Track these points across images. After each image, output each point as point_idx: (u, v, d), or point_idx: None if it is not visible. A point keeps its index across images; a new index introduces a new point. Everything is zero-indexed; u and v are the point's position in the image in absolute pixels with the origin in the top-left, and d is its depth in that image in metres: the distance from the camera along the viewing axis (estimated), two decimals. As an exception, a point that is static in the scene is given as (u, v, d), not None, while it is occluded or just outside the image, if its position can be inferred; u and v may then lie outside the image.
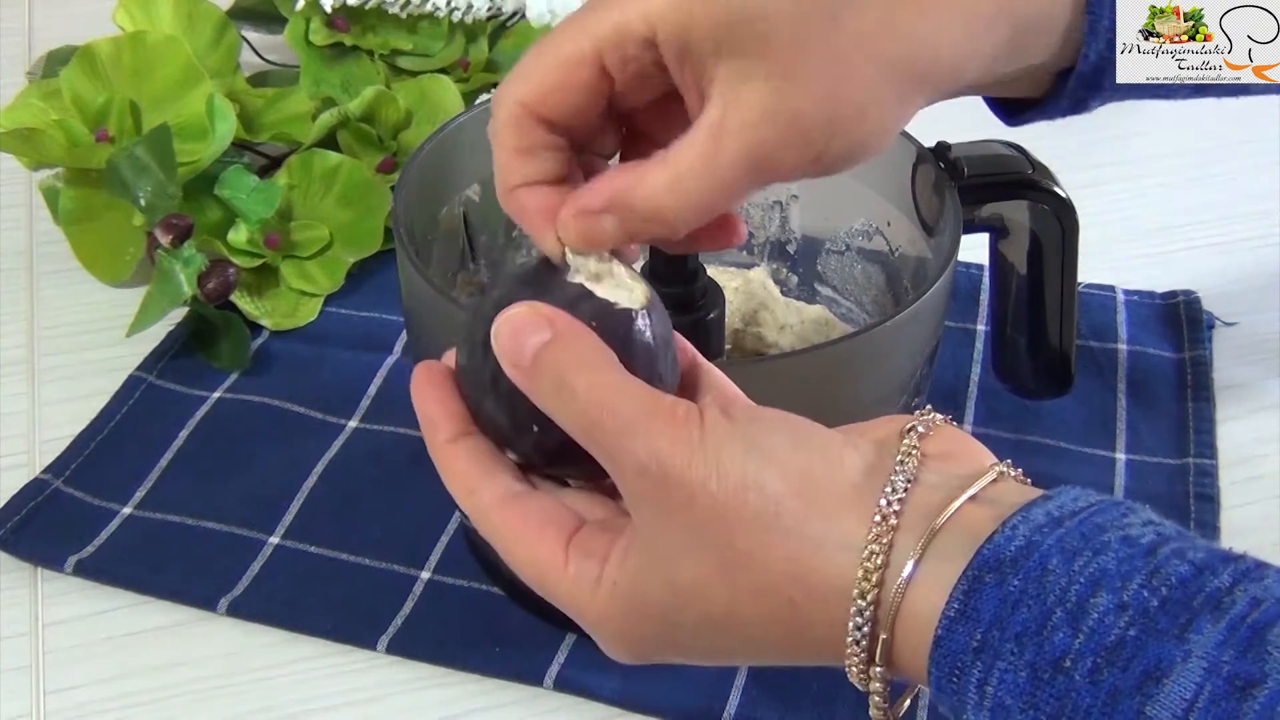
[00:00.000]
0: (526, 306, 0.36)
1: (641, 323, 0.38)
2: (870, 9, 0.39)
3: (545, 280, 0.38)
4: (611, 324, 0.37)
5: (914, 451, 0.35)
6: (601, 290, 0.37)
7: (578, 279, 0.38)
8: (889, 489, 0.34)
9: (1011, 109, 0.50)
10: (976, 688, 0.31)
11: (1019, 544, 0.32)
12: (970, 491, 0.34)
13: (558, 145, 0.39)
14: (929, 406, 0.38)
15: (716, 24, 0.37)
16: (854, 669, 0.34)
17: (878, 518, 0.33)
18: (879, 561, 0.33)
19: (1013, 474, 0.36)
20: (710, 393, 0.39)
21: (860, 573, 0.33)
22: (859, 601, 0.33)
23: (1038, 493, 0.34)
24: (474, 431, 0.39)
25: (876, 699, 0.35)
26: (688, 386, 0.40)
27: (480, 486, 0.38)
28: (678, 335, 0.40)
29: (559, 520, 0.38)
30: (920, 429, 0.36)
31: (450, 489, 0.39)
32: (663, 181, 0.37)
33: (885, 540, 0.33)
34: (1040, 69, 0.46)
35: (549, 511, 0.38)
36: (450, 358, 0.40)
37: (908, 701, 0.36)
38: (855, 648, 0.34)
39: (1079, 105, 0.48)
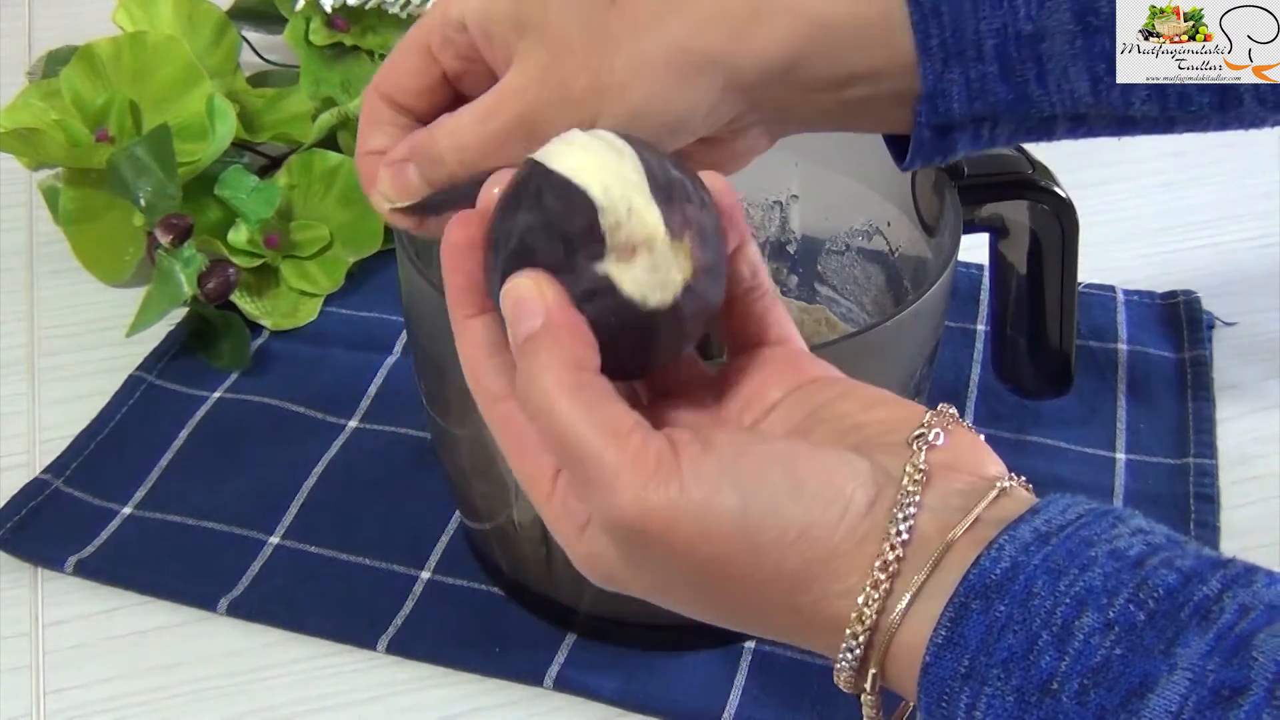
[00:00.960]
0: (531, 281, 0.35)
1: (664, 319, 0.35)
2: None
3: (579, 243, 0.35)
4: (627, 325, 0.35)
5: (921, 472, 0.34)
6: (634, 270, 0.35)
7: (608, 258, 0.35)
8: (893, 529, 0.33)
9: (900, 150, 0.48)
10: (965, 712, 0.31)
11: (1005, 566, 0.32)
12: (966, 523, 0.33)
13: (399, 122, 0.44)
14: (941, 405, 0.37)
15: (512, 4, 0.42)
16: (842, 680, 0.35)
17: (879, 563, 0.33)
18: (875, 609, 0.33)
19: (1019, 485, 0.35)
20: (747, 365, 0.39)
21: (854, 614, 0.33)
22: (850, 641, 0.33)
23: (1029, 504, 0.34)
24: (492, 308, 0.37)
25: (869, 711, 0.35)
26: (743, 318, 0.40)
27: (484, 374, 0.37)
28: (744, 254, 0.39)
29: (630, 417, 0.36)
30: (930, 437, 0.36)
31: (463, 368, 0.38)
32: (445, 130, 0.43)
33: (885, 588, 0.33)
34: (894, 100, 0.44)
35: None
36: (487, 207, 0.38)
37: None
38: (848, 671, 0.34)
39: (945, 141, 0.45)
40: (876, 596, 0.33)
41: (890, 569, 0.33)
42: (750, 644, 0.56)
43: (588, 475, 0.34)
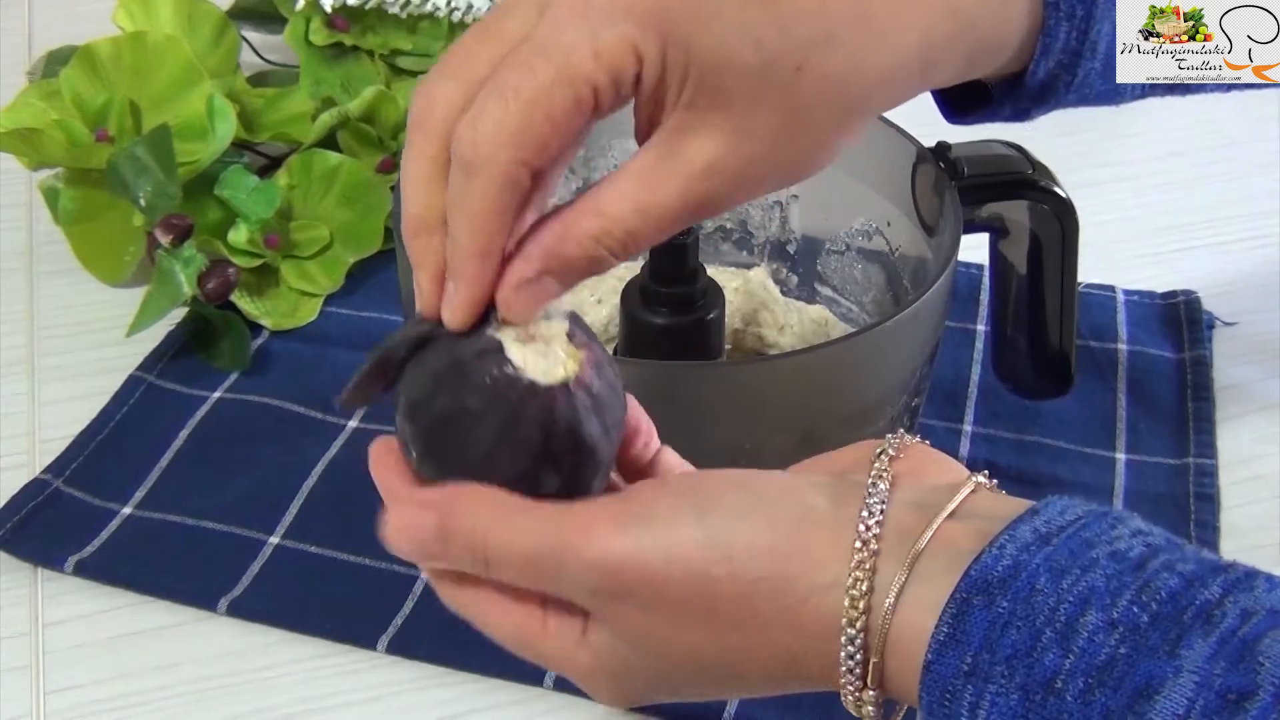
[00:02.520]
0: (403, 507, 0.37)
1: (564, 401, 0.35)
2: (838, 51, 0.38)
3: (458, 353, 0.37)
4: (528, 405, 0.35)
5: (885, 474, 0.35)
6: (525, 357, 0.36)
7: (499, 337, 0.36)
8: (865, 513, 0.34)
9: (956, 107, 0.50)
10: (969, 711, 0.31)
11: (1006, 564, 0.32)
12: (949, 509, 0.34)
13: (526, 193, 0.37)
14: (900, 431, 0.38)
15: (686, 70, 0.36)
16: (849, 697, 0.34)
17: (858, 543, 0.33)
18: (864, 589, 0.33)
19: (988, 485, 0.35)
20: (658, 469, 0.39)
21: (847, 602, 0.33)
22: (849, 630, 0.33)
23: (1023, 505, 0.34)
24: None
25: (869, 710, 0.35)
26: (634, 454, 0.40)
27: (443, 555, 0.38)
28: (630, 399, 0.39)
29: (531, 596, 0.38)
30: (890, 451, 0.36)
31: (414, 561, 0.39)
32: (593, 229, 0.36)
33: (868, 566, 0.33)
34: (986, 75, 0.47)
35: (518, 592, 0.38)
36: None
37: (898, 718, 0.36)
38: (849, 675, 0.34)
39: (1020, 115, 0.49)
40: (862, 576, 0.33)
41: (870, 547, 0.33)
42: (750, 644, 0.56)
43: (556, 562, 0.34)
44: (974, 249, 0.61)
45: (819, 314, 0.66)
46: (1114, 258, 0.78)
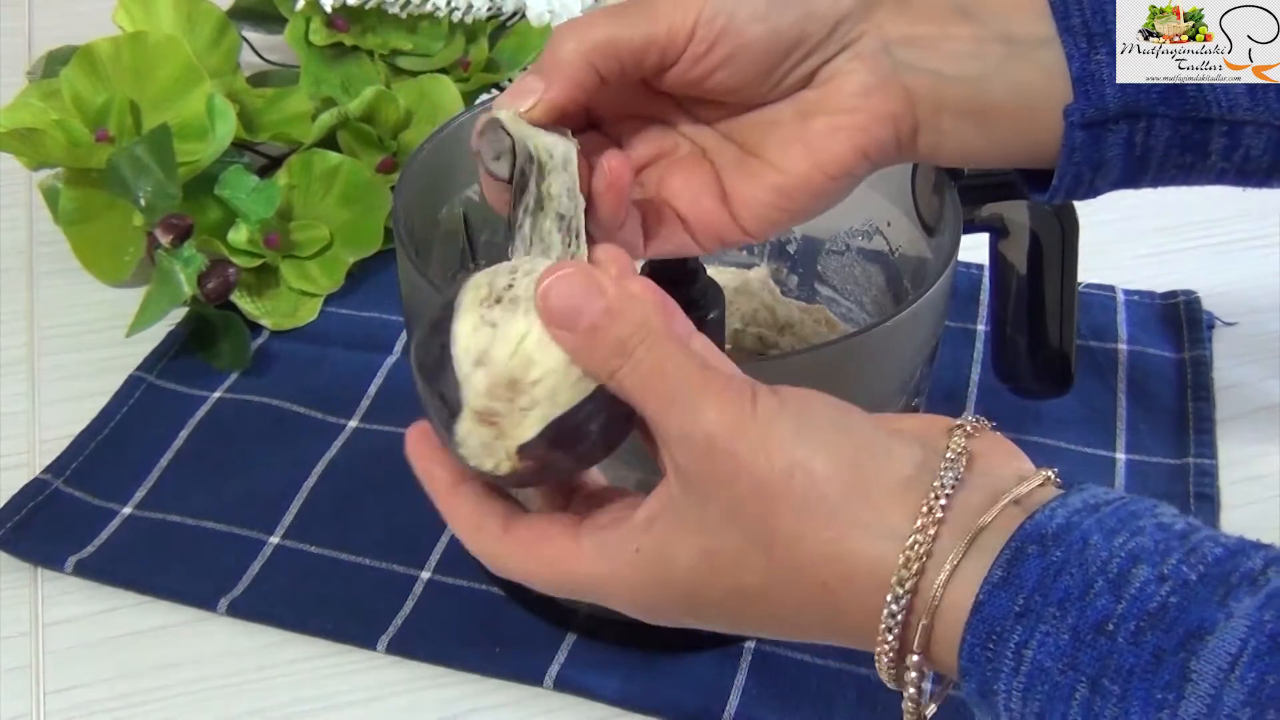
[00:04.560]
0: (576, 269, 0.36)
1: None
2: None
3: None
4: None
5: (963, 452, 0.35)
6: (475, 435, 0.38)
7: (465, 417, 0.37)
8: (938, 483, 0.34)
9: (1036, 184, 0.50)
10: (1014, 653, 0.32)
11: (1059, 522, 0.33)
12: (1016, 492, 0.34)
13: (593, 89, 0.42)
14: (978, 417, 0.38)
15: None
16: (883, 659, 0.35)
17: (924, 508, 0.34)
18: (921, 552, 0.33)
19: (1055, 481, 0.36)
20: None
21: (902, 559, 0.33)
22: (897, 589, 0.33)
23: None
24: (470, 478, 0.40)
25: (910, 693, 0.35)
26: None
27: (483, 521, 0.39)
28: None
29: (562, 520, 0.39)
30: (968, 428, 0.37)
31: (458, 533, 0.40)
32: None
33: (930, 533, 0.33)
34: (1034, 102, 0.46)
35: (551, 517, 0.39)
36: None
37: (934, 706, 0.36)
38: (887, 635, 0.34)
39: (1094, 149, 0.47)
40: (922, 540, 0.33)
41: (935, 515, 0.33)
42: (750, 644, 0.56)
43: (673, 395, 0.35)
44: (974, 249, 0.61)
45: (819, 314, 0.66)
46: (1114, 258, 0.78)
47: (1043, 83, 0.44)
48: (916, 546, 0.33)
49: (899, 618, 0.34)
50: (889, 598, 0.34)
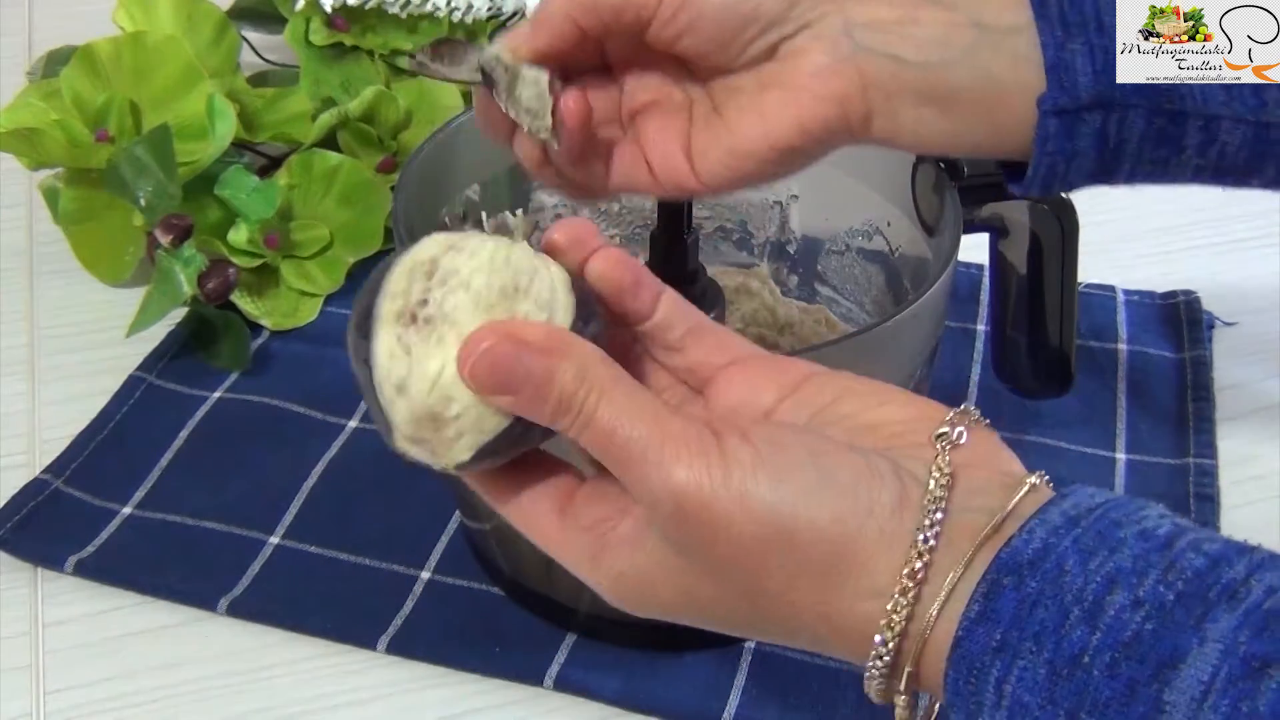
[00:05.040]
0: (496, 337, 0.34)
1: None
2: None
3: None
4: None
5: (945, 477, 0.34)
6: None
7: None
8: (920, 537, 0.33)
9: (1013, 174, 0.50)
10: (995, 687, 0.31)
11: (1036, 546, 0.32)
12: (996, 520, 0.33)
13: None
14: (972, 407, 0.37)
15: None
16: (873, 688, 0.35)
17: (906, 571, 0.33)
18: (903, 615, 0.33)
19: (1043, 484, 0.35)
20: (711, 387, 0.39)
21: (884, 620, 0.33)
22: (885, 633, 0.33)
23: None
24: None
25: (901, 714, 0.35)
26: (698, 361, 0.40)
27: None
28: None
29: (552, 489, 0.37)
30: (953, 436, 0.36)
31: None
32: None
33: (910, 595, 0.33)
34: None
35: (540, 476, 0.37)
36: None
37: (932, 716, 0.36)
38: (875, 675, 0.34)
39: (1068, 139, 0.47)
40: (905, 603, 0.33)
41: (918, 577, 0.33)
42: (750, 644, 0.56)
43: (630, 456, 0.34)
44: (974, 249, 0.61)
45: (819, 314, 0.66)
46: (1114, 258, 0.78)
47: (1011, 70, 0.44)
48: (900, 609, 0.33)
49: (886, 660, 0.34)
50: (877, 639, 0.34)
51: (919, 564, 0.33)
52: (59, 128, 0.75)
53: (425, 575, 0.59)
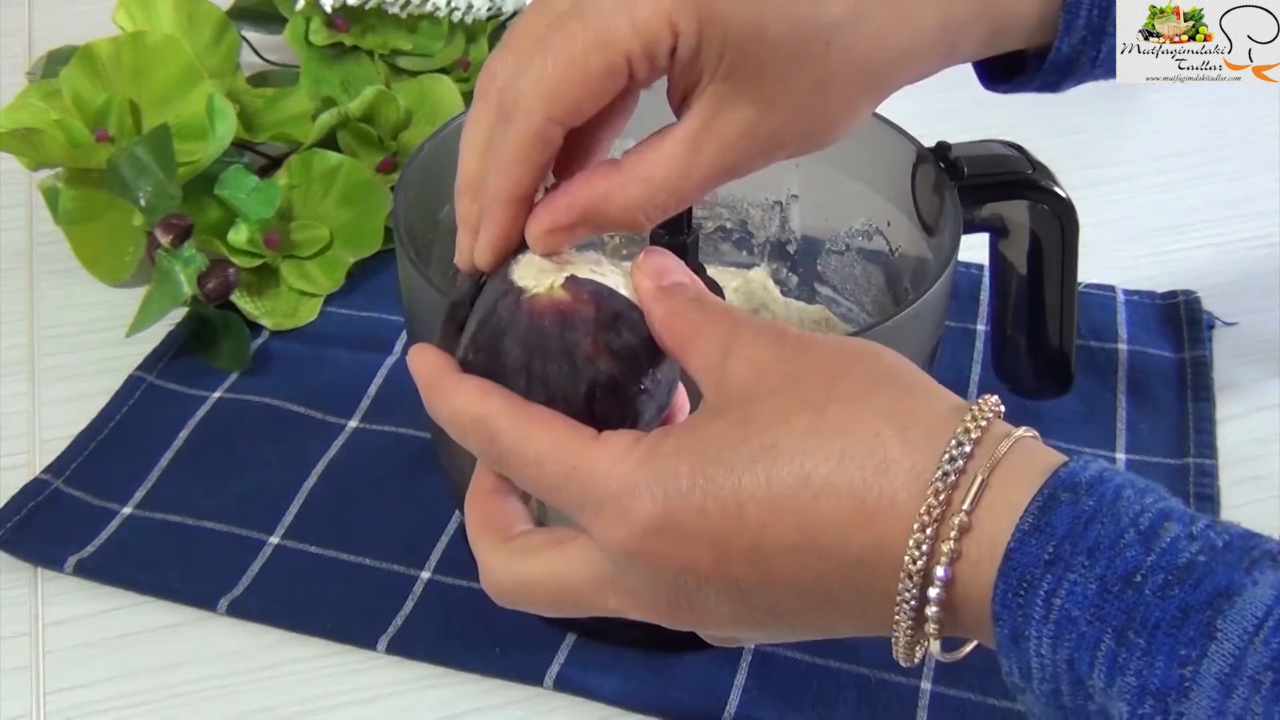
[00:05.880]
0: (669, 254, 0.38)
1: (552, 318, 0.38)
2: (864, 29, 0.41)
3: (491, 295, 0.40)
4: (607, 301, 0.38)
5: (997, 404, 0.36)
6: (523, 274, 0.39)
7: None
8: (969, 417, 0.34)
9: (992, 74, 0.52)
10: (1044, 601, 0.31)
11: (1092, 473, 0.33)
12: (1034, 431, 0.35)
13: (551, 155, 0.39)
14: (992, 396, 0.37)
15: (723, 44, 0.38)
16: (903, 618, 0.34)
17: (974, 413, 0.34)
18: (975, 428, 0.34)
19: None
20: None
21: (961, 428, 0.34)
22: (923, 517, 0.33)
23: None
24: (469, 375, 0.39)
25: (931, 627, 0.34)
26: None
27: (489, 396, 0.38)
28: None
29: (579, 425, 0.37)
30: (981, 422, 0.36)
31: (456, 420, 0.38)
32: (639, 194, 0.39)
33: (959, 466, 0.33)
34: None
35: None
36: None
37: (966, 648, 0.35)
38: (938, 490, 0.33)
39: (1050, 86, 0.51)
40: (975, 425, 0.34)
41: (965, 449, 0.33)
42: (750, 644, 0.56)
43: (743, 316, 0.37)
44: (974, 249, 0.61)
45: (819, 314, 0.66)
46: (1114, 258, 0.78)
47: None
48: (972, 424, 0.34)
49: (958, 463, 0.33)
50: (952, 441, 0.33)
51: (980, 425, 0.34)
52: (59, 128, 0.75)
53: (425, 575, 0.59)
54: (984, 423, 0.34)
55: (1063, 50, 0.48)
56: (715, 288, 0.57)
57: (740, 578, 0.35)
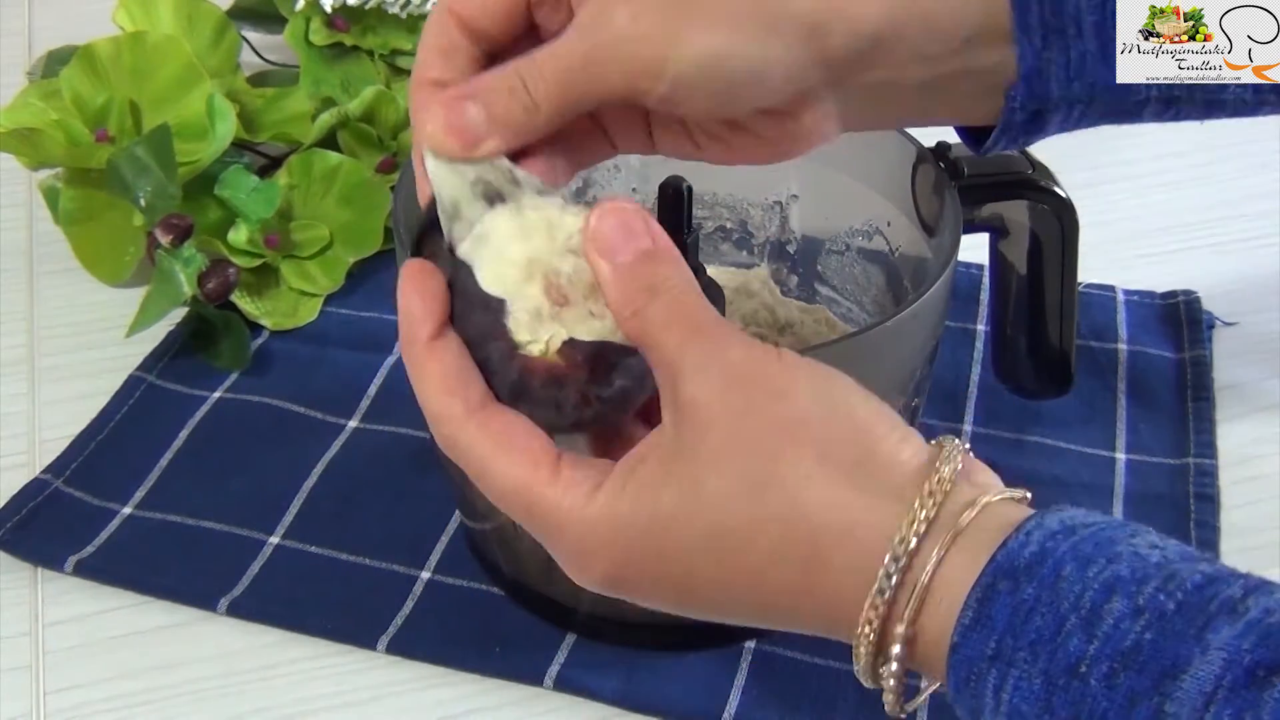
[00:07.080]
0: (629, 208, 0.37)
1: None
2: None
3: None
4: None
5: (956, 455, 0.35)
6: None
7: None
8: (936, 478, 0.34)
9: (979, 137, 0.49)
10: (993, 693, 0.31)
11: (1032, 550, 0.32)
12: (1002, 495, 0.34)
13: (467, 51, 0.41)
14: (951, 438, 0.37)
15: None
16: (864, 644, 0.34)
17: (927, 488, 0.33)
18: (919, 530, 0.33)
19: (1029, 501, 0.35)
20: None
21: (904, 528, 0.33)
22: (887, 568, 0.33)
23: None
24: (453, 335, 0.39)
25: (891, 682, 0.34)
26: None
27: (461, 389, 0.38)
28: None
29: (545, 439, 0.37)
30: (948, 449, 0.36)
31: (423, 394, 0.38)
32: (521, 65, 0.40)
33: (931, 509, 0.33)
34: (982, 79, 0.45)
35: (534, 428, 0.38)
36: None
37: (921, 698, 0.36)
38: (873, 613, 0.33)
39: (1036, 124, 0.46)
40: (922, 521, 0.33)
41: (944, 488, 0.33)
42: (750, 644, 0.56)
43: (700, 328, 0.36)
44: (974, 249, 0.61)
45: (819, 314, 0.66)
46: (1114, 258, 0.78)
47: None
48: (915, 524, 0.33)
49: (893, 580, 0.33)
50: (889, 556, 0.33)
51: (943, 488, 0.33)
52: (59, 128, 0.75)
53: (425, 575, 0.59)
54: (940, 497, 0.33)
55: (1028, 60, 0.44)
56: (715, 288, 0.57)
57: (706, 607, 0.37)
